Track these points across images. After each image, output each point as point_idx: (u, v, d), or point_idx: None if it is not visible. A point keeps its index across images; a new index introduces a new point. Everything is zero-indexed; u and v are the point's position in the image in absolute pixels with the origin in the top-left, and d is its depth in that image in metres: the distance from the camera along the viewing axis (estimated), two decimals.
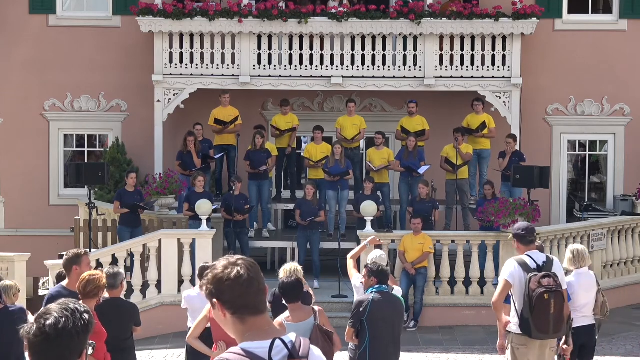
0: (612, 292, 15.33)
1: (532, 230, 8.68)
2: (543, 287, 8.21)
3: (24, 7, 20.24)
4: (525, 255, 8.49)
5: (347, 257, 10.28)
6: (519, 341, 8.57)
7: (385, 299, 8.64)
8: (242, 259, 3.45)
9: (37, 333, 3.11)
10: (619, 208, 19.17)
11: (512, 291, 8.49)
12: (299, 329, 7.88)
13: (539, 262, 8.43)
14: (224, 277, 3.38)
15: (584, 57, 20.05)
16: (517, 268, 8.40)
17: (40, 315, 3.17)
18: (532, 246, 8.61)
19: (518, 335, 8.54)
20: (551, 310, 8.24)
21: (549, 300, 8.21)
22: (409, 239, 15.76)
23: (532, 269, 8.36)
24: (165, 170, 18.01)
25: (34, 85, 20.20)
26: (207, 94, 19.11)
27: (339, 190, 17.57)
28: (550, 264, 8.45)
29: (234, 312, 3.39)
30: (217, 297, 3.39)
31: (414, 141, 17.93)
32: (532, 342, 8.51)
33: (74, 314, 3.16)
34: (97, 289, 8.12)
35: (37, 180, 20.28)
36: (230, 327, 3.44)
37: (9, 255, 16.38)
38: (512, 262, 8.48)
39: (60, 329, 3.11)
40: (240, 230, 16.92)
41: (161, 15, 18.90)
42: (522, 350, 8.58)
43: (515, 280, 8.38)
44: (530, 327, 8.34)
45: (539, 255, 8.54)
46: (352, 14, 18.99)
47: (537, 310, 8.22)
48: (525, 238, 8.56)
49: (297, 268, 9.05)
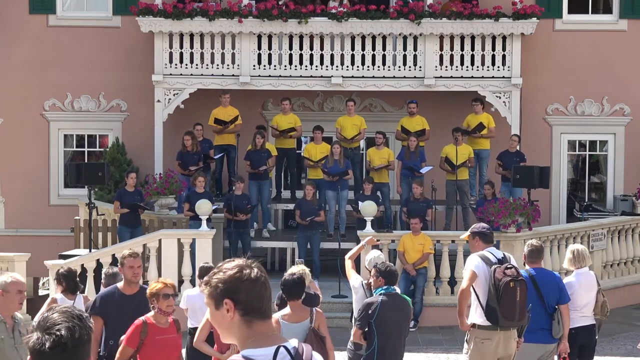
0: (612, 292, 15.32)
1: (492, 230, 9.34)
2: (509, 277, 8.56)
3: (24, 7, 20.24)
4: (486, 251, 8.88)
5: (345, 258, 10.28)
6: (483, 335, 8.80)
7: (394, 301, 8.65)
8: (255, 262, 3.40)
9: (52, 345, 3.01)
10: (619, 208, 19.16)
11: (475, 284, 8.77)
12: (294, 329, 7.88)
13: (498, 257, 8.85)
14: (242, 277, 3.31)
15: (584, 57, 20.04)
16: (480, 262, 8.77)
17: (48, 325, 3.06)
18: (490, 244, 9.04)
19: (482, 329, 8.78)
20: (517, 298, 8.58)
21: (515, 288, 8.56)
22: (409, 239, 15.76)
23: (493, 262, 8.74)
24: (165, 170, 18.01)
25: (34, 85, 20.20)
26: (207, 94, 19.11)
27: (338, 190, 17.57)
28: (507, 260, 8.84)
29: (244, 314, 3.31)
30: (231, 297, 3.29)
31: (415, 141, 17.93)
32: (496, 335, 8.75)
33: (81, 320, 3.09)
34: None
35: (37, 180, 20.28)
36: (234, 331, 3.34)
37: (9, 255, 16.36)
38: (475, 256, 8.86)
39: (77, 338, 3.04)
40: (243, 230, 16.93)
41: (161, 15, 18.91)
42: (486, 343, 8.79)
43: (480, 272, 8.71)
44: (497, 316, 8.63)
45: (497, 252, 9.00)
46: (352, 14, 18.99)
47: (504, 298, 8.55)
48: (488, 236, 9.03)
49: (304, 270, 9.05)
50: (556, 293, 9.24)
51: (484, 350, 8.81)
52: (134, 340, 7.70)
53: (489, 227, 9.27)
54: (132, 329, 7.74)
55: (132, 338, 7.71)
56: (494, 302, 8.61)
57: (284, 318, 8.07)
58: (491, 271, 8.65)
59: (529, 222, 16.04)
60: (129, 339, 7.73)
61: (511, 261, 8.83)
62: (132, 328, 7.74)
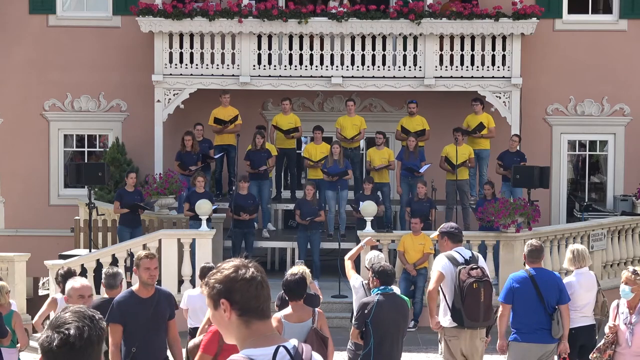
0: (612, 292, 15.27)
1: (460, 229, 9.46)
2: (473, 278, 8.71)
3: (24, 7, 20.24)
4: (454, 251, 9.00)
5: (345, 258, 10.29)
6: (450, 333, 8.99)
7: (391, 301, 8.65)
8: (252, 262, 3.41)
9: (60, 344, 3.01)
10: (619, 208, 19.16)
11: (443, 285, 8.91)
12: (296, 330, 7.88)
13: (466, 256, 8.96)
14: (237, 277, 3.31)
15: (584, 57, 20.04)
16: (447, 262, 8.89)
17: (59, 324, 3.06)
18: (459, 244, 9.14)
19: (450, 328, 8.96)
20: (481, 299, 8.73)
21: (479, 289, 8.71)
22: (409, 239, 15.75)
23: (460, 263, 8.86)
24: (165, 170, 18.01)
25: (34, 85, 20.20)
26: (207, 94, 19.11)
27: (338, 190, 17.57)
28: (475, 259, 8.97)
29: (242, 314, 3.32)
30: (227, 297, 3.30)
31: (414, 141, 17.93)
32: (463, 333, 8.92)
33: (92, 321, 3.09)
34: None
35: (37, 180, 20.28)
36: (233, 331, 3.35)
37: (9, 255, 16.37)
38: (442, 257, 8.99)
39: (85, 338, 3.03)
40: (247, 230, 16.92)
41: (161, 15, 18.91)
42: (453, 341, 8.99)
43: (447, 273, 8.84)
44: (462, 317, 8.78)
45: (465, 251, 9.08)
46: (352, 14, 18.99)
47: (467, 299, 8.71)
48: (457, 236, 9.16)
49: (305, 271, 9.05)
50: (556, 293, 9.24)
51: (452, 348, 9.02)
52: (212, 346, 7.24)
53: (457, 227, 9.39)
54: (209, 335, 7.26)
55: (211, 345, 7.24)
56: (458, 303, 8.78)
57: (285, 318, 8.07)
58: (457, 272, 8.79)
59: (529, 222, 16.04)
60: (207, 346, 7.25)
61: (479, 261, 8.96)
62: (210, 334, 7.26)
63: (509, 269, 14.19)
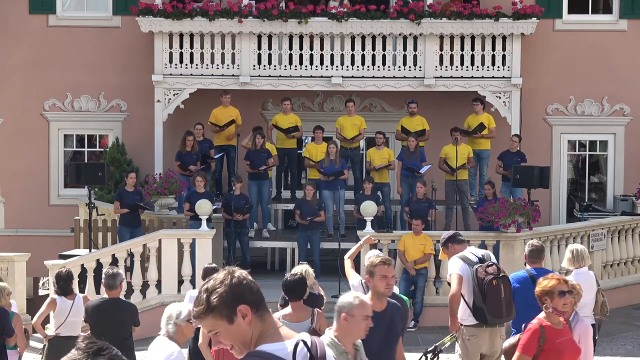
0: (612, 292, 15.32)
1: (457, 232, 9.51)
2: (491, 275, 8.72)
3: (24, 7, 20.24)
4: (466, 251, 9.02)
5: (345, 258, 10.28)
6: (470, 332, 8.97)
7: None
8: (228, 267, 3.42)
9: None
10: (619, 208, 19.16)
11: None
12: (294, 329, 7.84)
13: (479, 255, 8.98)
14: (240, 280, 3.32)
15: (584, 57, 20.04)
16: (462, 263, 8.90)
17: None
18: (465, 244, 9.17)
19: (469, 327, 8.94)
20: (502, 295, 8.72)
21: (499, 285, 8.71)
22: (410, 239, 15.75)
23: (474, 262, 8.88)
24: (165, 170, 18.01)
25: (34, 85, 20.20)
26: (207, 94, 19.11)
27: (336, 190, 17.57)
28: (488, 257, 9.00)
29: (257, 310, 3.32)
30: (243, 301, 3.28)
31: (414, 141, 17.93)
32: (482, 332, 8.91)
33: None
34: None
35: (37, 180, 20.28)
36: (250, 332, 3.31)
37: (9, 255, 16.36)
38: (456, 258, 8.97)
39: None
40: (241, 230, 16.93)
41: (161, 15, 18.91)
42: (473, 340, 8.97)
43: (463, 274, 8.85)
44: (485, 315, 8.77)
45: (477, 250, 9.13)
46: (352, 14, 18.99)
47: (489, 296, 8.70)
48: (457, 237, 9.18)
49: (307, 270, 9.05)
50: None
51: (470, 347, 9.00)
52: (532, 347, 6.90)
53: (456, 231, 9.47)
54: (528, 335, 6.97)
55: (530, 344, 6.91)
56: (480, 301, 8.76)
57: (284, 317, 8.07)
58: (473, 271, 8.80)
59: (529, 222, 16.04)
60: (525, 346, 6.91)
61: (491, 259, 8.99)
62: (529, 333, 6.97)
63: (509, 269, 14.10)
